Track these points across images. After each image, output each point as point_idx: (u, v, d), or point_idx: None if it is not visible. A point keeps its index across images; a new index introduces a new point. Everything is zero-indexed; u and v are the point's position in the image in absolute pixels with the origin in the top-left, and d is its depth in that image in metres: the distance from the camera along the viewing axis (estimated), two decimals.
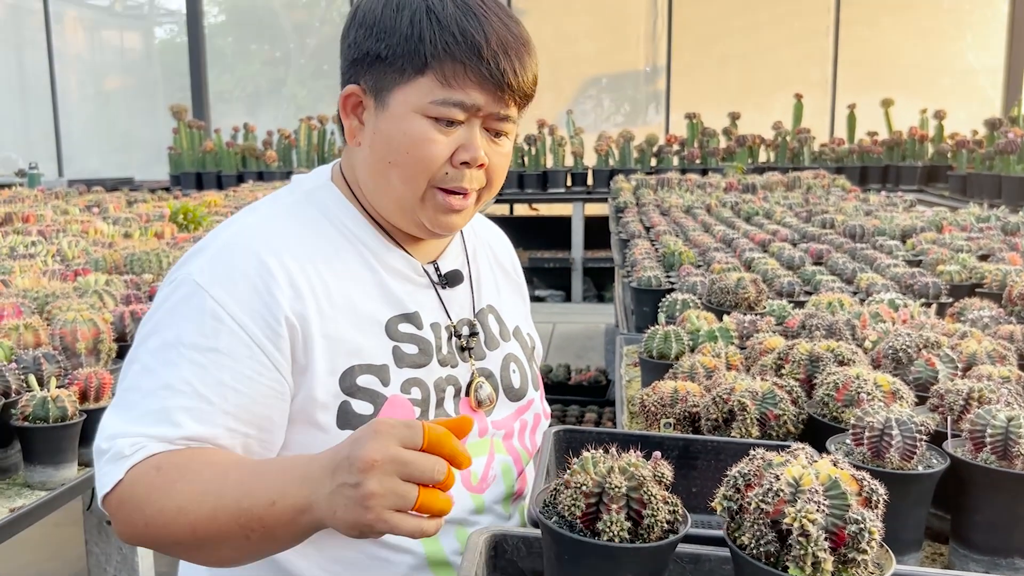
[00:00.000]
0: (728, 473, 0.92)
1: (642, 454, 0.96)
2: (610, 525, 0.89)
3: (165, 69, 11.88)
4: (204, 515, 0.99)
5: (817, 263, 3.09)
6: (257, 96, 12.11)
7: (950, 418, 1.31)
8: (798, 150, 8.08)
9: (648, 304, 2.68)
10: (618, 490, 0.89)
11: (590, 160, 8.29)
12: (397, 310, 1.26)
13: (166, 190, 7.90)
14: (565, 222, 8.47)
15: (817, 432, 1.38)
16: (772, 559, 0.85)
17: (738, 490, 0.90)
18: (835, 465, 0.88)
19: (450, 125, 1.17)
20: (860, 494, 0.86)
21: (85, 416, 1.87)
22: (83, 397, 1.93)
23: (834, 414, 1.39)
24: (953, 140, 7.31)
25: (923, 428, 1.17)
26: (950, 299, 2.42)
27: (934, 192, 7.04)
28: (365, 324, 1.22)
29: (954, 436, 1.27)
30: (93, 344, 2.10)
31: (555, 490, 0.95)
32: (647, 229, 4.19)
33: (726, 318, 2.05)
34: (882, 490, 0.87)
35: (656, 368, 1.89)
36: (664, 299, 2.38)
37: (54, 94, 11.02)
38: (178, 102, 9.43)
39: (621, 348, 2.47)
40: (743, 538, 0.87)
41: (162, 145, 9.16)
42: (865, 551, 0.83)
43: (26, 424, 1.79)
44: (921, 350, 1.60)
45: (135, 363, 1.14)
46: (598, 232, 7.76)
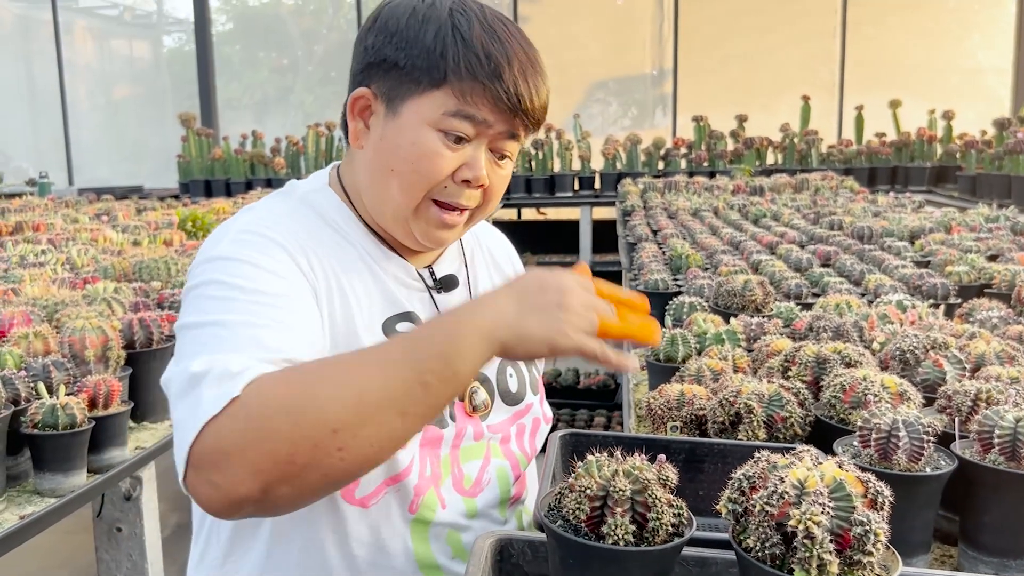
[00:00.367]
0: (733, 476, 0.92)
1: (648, 457, 0.96)
2: (615, 529, 0.89)
3: (174, 77, 11.92)
4: (372, 377, 0.92)
5: (825, 265, 3.08)
6: (265, 103, 12.15)
7: (958, 419, 1.30)
8: (806, 152, 8.05)
9: (655, 307, 2.65)
10: (623, 493, 0.89)
11: (597, 164, 8.28)
12: (395, 309, 1.26)
13: (175, 198, 7.93)
14: (573, 226, 8.45)
15: (824, 434, 1.38)
16: (778, 562, 0.85)
17: (743, 493, 0.90)
18: (840, 467, 0.88)
19: (458, 142, 1.17)
20: (865, 496, 0.86)
21: (94, 423, 1.88)
22: (92, 404, 1.94)
23: (841, 416, 1.38)
24: (962, 140, 7.28)
25: (930, 429, 1.17)
26: (959, 300, 2.41)
27: (943, 193, 7.01)
28: (365, 319, 1.22)
29: (962, 437, 1.27)
30: (102, 351, 2.11)
31: (560, 494, 0.95)
32: (654, 232, 4.18)
33: (733, 321, 2.05)
34: (888, 492, 0.87)
35: (663, 371, 1.89)
36: (671, 302, 2.38)
37: (64, 103, 11.08)
38: (187, 110, 9.46)
39: (628, 350, 2.46)
40: (748, 541, 0.87)
41: (171, 153, 9.19)
42: (871, 553, 0.82)
43: (35, 431, 1.80)
44: (929, 351, 1.60)
45: (202, 326, 1.04)
46: (606, 236, 7.74)
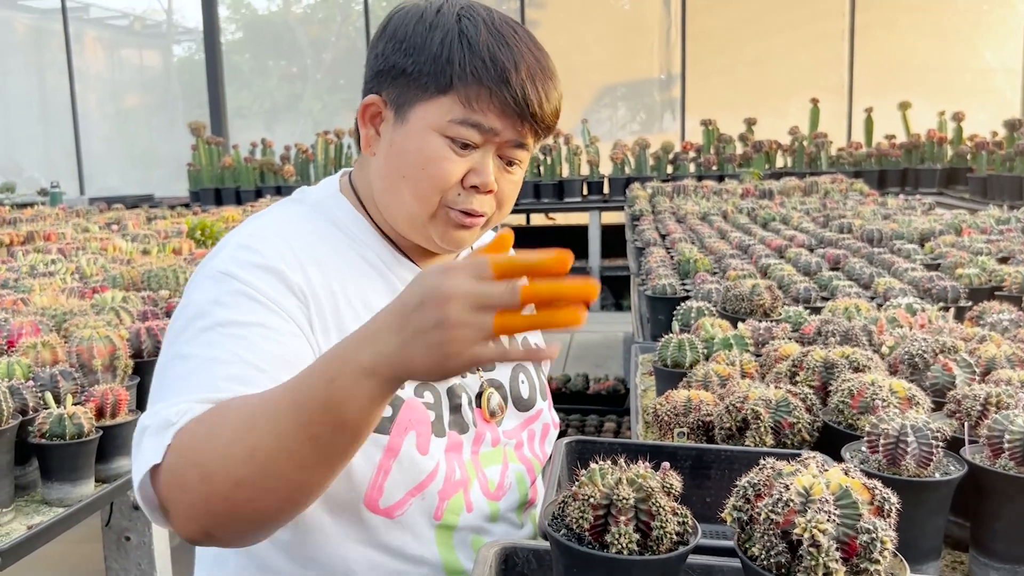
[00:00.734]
0: (738, 483, 0.91)
1: (652, 465, 0.96)
2: (618, 537, 0.88)
3: (183, 86, 12.00)
4: (262, 432, 0.89)
5: (834, 268, 3.06)
6: (275, 111, 12.21)
7: (967, 424, 1.29)
8: (815, 155, 8.03)
9: (663, 312, 2.66)
10: (626, 502, 0.89)
11: (606, 168, 8.28)
12: None
13: (186, 206, 7.97)
14: (582, 231, 8.45)
15: (832, 440, 1.36)
16: (783, 570, 0.84)
17: (748, 500, 0.89)
18: (846, 474, 0.87)
19: (465, 148, 1.17)
20: (872, 503, 0.85)
21: (101, 433, 1.88)
22: (99, 414, 1.94)
23: (849, 421, 1.37)
24: (972, 142, 7.24)
25: (939, 435, 1.15)
26: (969, 303, 2.39)
27: (954, 195, 6.98)
28: None
29: (972, 442, 1.25)
30: (109, 361, 2.11)
31: (563, 502, 0.94)
32: (663, 237, 4.17)
33: (741, 325, 2.04)
34: (895, 499, 0.86)
35: (670, 377, 1.88)
36: (679, 307, 2.37)
37: (75, 113, 11.16)
38: (197, 119, 9.52)
39: (636, 357, 2.45)
40: (753, 549, 0.86)
41: (181, 162, 9.24)
42: (878, 561, 0.81)
43: (43, 441, 1.81)
44: (938, 355, 1.58)
45: (169, 359, 1.08)
46: (615, 240, 7.73)
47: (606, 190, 8.15)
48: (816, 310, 2.34)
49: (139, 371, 2.22)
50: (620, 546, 0.88)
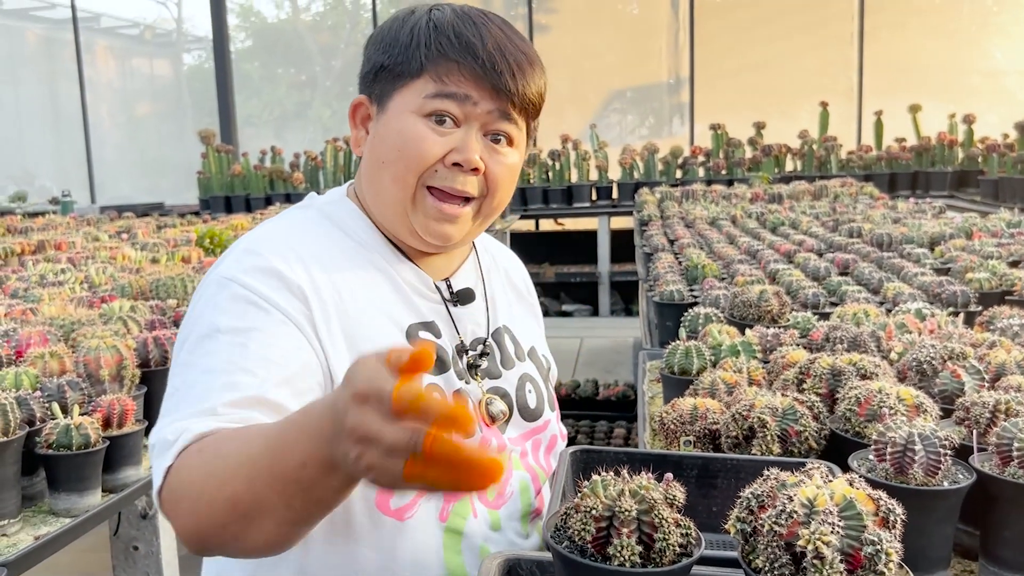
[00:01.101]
0: (742, 494, 0.91)
1: (656, 475, 0.95)
2: (621, 550, 0.87)
3: (194, 95, 12.05)
4: (241, 487, 0.92)
5: (843, 273, 3.04)
6: (284, 119, 12.25)
7: (976, 431, 1.27)
8: (825, 158, 7.99)
9: (671, 318, 2.65)
10: (628, 514, 0.88)
11: (615, 174, 8.26)
12: (417, 318, 1.28)
13: (196, 214, 7.99)
14: (591, 236, 8.45)
15: (840, 448, 1.35)
16: None
17: (751, 512, 0.89)
18: (851, 485, 0.86)
19: (443, 123, 1.19)
20: (877, 514, 0.84)
21: (108, 443, 1.88)
22: (106, 424, 1.94)
23: (856, 429, 1.36)
24: (983, 144, 7.20)
25: (947, 443, 1.14)
26: (979, 308, 2.37)
27: (965, 197, 6.93)
28: (387, 327, 1.24)
29: (981, 450, 1.24)
30: (116, 371, 2.11)
31: (566, 514, 0.94)
32: (671, 242, 4.16)
33: (748, 332, 2.03)
34: (900, 509, 0.85)
35: (678, 384, 1.87)
36: (686, 313, 2.35)
37: (86, 122, 11.21)
38: (206, 127, 9.55)
39: (644, 364, 2.44)
40: (757, 561, 0.85)
41: (191, 170, 9.27)
42: (883, 573, 0.80)
43: (50, 452, 1.81)
44: (946, 361, 1.57)
45: (176, 367, 1.13)
46: (625, 245, 7.73)
47: (615, 195, 8.13)
48: (825, 315, 2.33)
49: (146, 381, 2.22)
50: (622, 558, 0.87)
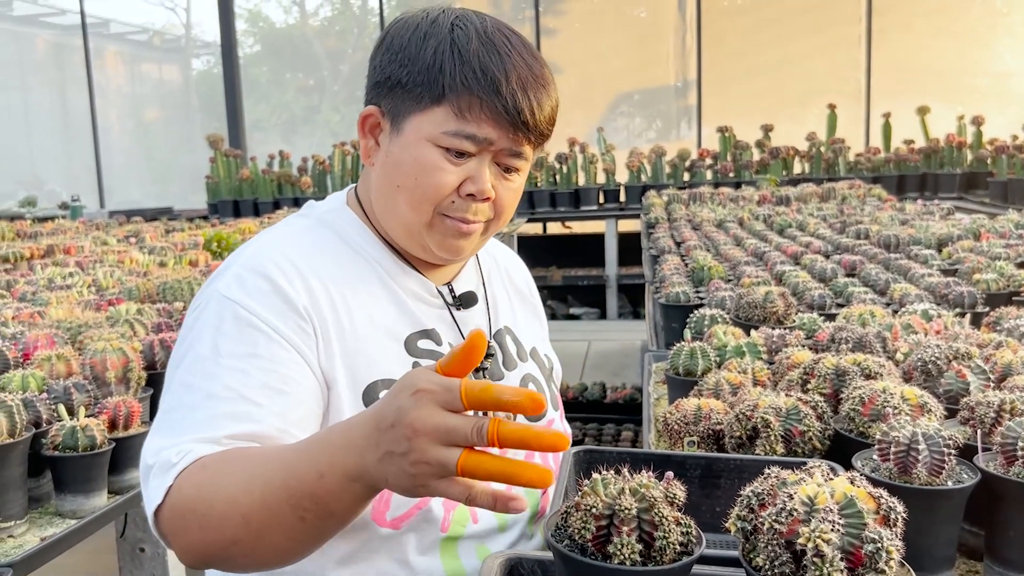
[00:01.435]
0: (742, 493, 0.90)
1: (657, 474, 0.95)
2: (621, 548, 0.87)
3: (202, 100, 12.09)
4: (255, 502, 0.94)
5: (850, 275, 3.03)
6: (292, 123, 12.29)
7: (981, 431, 1.27)
8: (833, 161, 7.97)
9: (677, 320, 2.65)
10: (628, 512, 0.88)
11: (622, 177, 8.26)
12: (416, 327, 1.27)
13: (204, 218, 8.01)
14: (599, 239, 8.44)
15: (844, 448, 1.35)
16: None
17: (752, 510, 0.88)
18: (852, 483, 0.86)
19: (460, 156, 1.18)
20: (878, 512, 0.84)
21: (114, 444, 1.89)
22: (112, 426, 1.95)
23: (860, 429, 1.35)
24: (992, 146, 7.17)
25: (951, 442, 1.14)
26: (987, 308, 2.36)
27: (974, 199, 6.90)
28: (384, 340, 1.23)
29: (985, 450, 1.23)
30: (122, 373, 2.12)
31: (566, 512, 0.93)
32: (678, 244, 4.15)
33: (754, 333, 2.02)
34: (901, 507, 0.85)
35: (682, 385, 1.87)
36: (692, 315, 2.35)
37: (95, 128, 11.27)
38: (215, 131, 9.58)
39: (650, 365, 2.44)
40: (758, 559, 0.85)
41: (200, 174, 9.30)
42: (883, 571, 0.80)
43: (56, 453, 1.82)
44: (951, 361, 1.56)
45: (173, 384, 1.13)
46: (632, 248, 7.71)
47: (622, 198, 8.13)
48: (831, 317, 2.32)
49: (152, 383, 2.23)
50: (623, 557, 0.87)
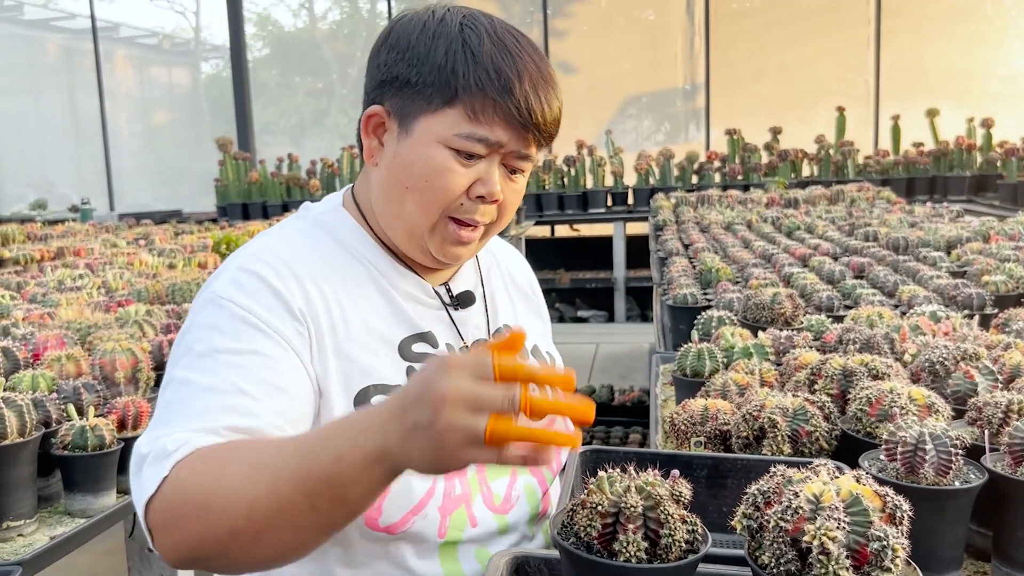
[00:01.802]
0: (747, 491, 0.90)
1: (663, 472, 0.95)
2: (626, 546, 0.87)
3: (211, 103, 12.14)
4: (263, 490, 0.89)
5: (859, 277, 3.03)
6: (301, 126, 12.33)
7: (988, 431, 1.26)
8: (842, 163, 7.95)
9: (684, 322, 2.65)
10: (634, 510, 0.88)
11: (630, 179, 8.25)
12: (410, 330, 1.26)
13: (213, 221, 8.04)
14: (607, 242, 8.44)
15: (851, 448, 1.35)
16: None
17: (758, 508, 0.88)
18: (857, 481, 0.86)
19: (470, 158, 1.17)
20: (884, 510, 0.84)
21: (123, 444, 1.90)
22: (121, 425, 1.96)
23: (867, 429, 1.35)
24: (1002, 148, 7.14)
25: (958, 442, 1.14)
26: (995, 310, 2.36)
27: (983, 202, 6.88)
28: (378, 345, 1.22)
29: (993, 450, 1.23)
30: (131, 373, 2.13)
31: (572, 510, 0.94)
32: (686, 247, 4.15)
33: (761, 334, 2.02)
34: (907, 506, 0.85)
35: (690, 386, 1.87)
36: (699, 316, 2.35)
37: (105, 131, 11.32)
38: (224, 134, 9.61)
39: (657, 367, 2.44)
40: (764, 557, 0.85)
41: (209, 177, 9.33)
42: (889, 569, 0.80)
43: (66, 453, 1.82)
44: (959, 362, 1.56)
45: (171, 382, 1.11)
46: (640, 251, 7.70)
47: (631, 201, 8.11)
48: (839, 319, 2.32)
49: (161, 383, 2.23)
50: (628, 554, 0.87)
